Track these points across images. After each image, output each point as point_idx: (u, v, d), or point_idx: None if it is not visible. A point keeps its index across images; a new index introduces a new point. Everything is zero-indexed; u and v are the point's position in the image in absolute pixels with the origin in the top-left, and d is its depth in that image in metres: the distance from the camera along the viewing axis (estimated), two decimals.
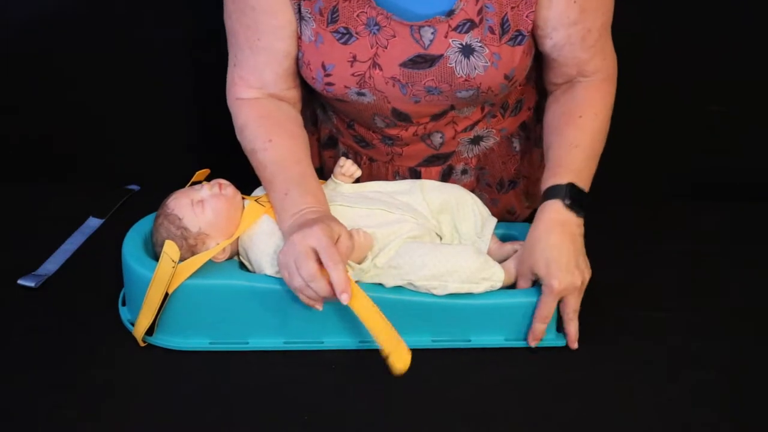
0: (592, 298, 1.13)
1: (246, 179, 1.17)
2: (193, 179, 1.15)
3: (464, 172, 1.34)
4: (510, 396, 1.02)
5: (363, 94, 1.17)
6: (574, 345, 1.09)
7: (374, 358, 1.05)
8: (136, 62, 1.68)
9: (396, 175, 1.33)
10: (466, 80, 1.15)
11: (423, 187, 1.18)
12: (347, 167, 1.19)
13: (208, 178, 1.15)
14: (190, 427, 0.97)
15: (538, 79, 1.31)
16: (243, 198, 1.13)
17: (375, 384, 1.03)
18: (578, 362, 1.08)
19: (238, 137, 1.19)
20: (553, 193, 1.12)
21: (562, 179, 1.12)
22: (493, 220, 1.18)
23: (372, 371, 1.04)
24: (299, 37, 1.17)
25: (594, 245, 1.11)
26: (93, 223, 1.35)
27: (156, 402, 1.00)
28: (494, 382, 1.04)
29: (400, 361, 0.97)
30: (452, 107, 1.22)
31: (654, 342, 1.11)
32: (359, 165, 1.34)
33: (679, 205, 1.47)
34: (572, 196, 1.11)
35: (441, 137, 1.27)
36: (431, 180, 1.24)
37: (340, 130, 1.34)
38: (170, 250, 1.03)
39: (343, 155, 1.36)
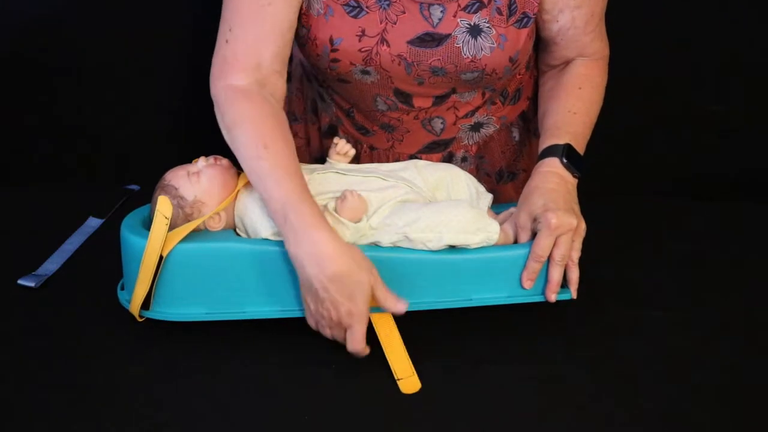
0: (592, 298, 1.13)
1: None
2: None
3: (464, 159, 1.34)
4: (509, 395, 1.02)
5: (367, 73, 1.17)
6: (552, 297, 1.08)
7: (374, 358, 1.05)
8: (136, 62, 1.68)
9: None
10: (472, 61, 1.16)
11: (417, 165, 1.18)
12: (341, 146, 1.18)
13: None
14: (190, 427, 0.97)
15: (536, 69, 1.32)
16: (238, 172, 1.13)
17: (375, 383, 1.03)
18: (578, 362, 1.08)
19: (226, 134, 1.11)
20: (550, 151, 1.14)
21: (560, 140, 1.15)
22: (489, 195, 1.18)
23: (372, 371, 1.04)
24: (306, 12, 1.15)
25: (594, 244, 1.11)
26: (93, 223, 1.36)
27: (156, 403, 1.00)
28: (493, 381, 1.04)
29: (409, 388, 1.02)
30: (454, 90, 1.22)
31: (654, 342, 1.11)
32: (360, 153, 1.34)
33: (680, 204, 1.47)
34: (569, 156, 1.13)
35: (442, 123, 1.28)
36: (426, 160, 1.23)
37: (339, 118, 1.34)
38: (163, 207, 1.03)
39: None
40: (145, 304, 1.06)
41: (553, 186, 1.10)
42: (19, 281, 1.19)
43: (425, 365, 1.05)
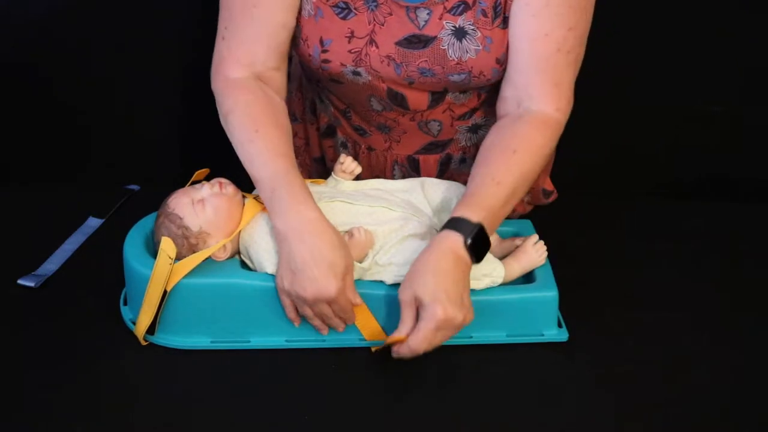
0: (591, 299, 1.14)
1: (246, 178, 1.17)
2: (193, 179, 1.15)
3: (462, 161, 1.34)
4: (509, 396, 1.02)
5: (358, 74, 1.18)
6: (400, 353, 1.00)
7: (375, 358, 1.05)
8: (135, 62, 1.68)
9: (395, 164, 1.34)
10: (458, 63, 1.16)
11: (424, 185, 1.18)
12: (347, 164, 1.19)
13: (208, 178, 1.15)
14: (190, 427, 0.97)
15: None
16: (243, 196, 1.13)
17: (375, 384, 1.03)
18: (578, 362, 1.08)
19: (223, 124, 1.15)
20: (458, 225, 1.04)
21: (474, 216, 1.05)
22: None
23: (372, 371, 1.04)
24: (298, 13, 1.15)
25: (593, 245, 1.11)
26: (93, 223, 1.36)
27: (156, 402, 1.01)
28: (493, 381, 1.04)
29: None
30: (446, 91, 1.22)
31: (654, 342, 1.11)
32: (358, 154, 1.35)
33: (678, 205, 1.48)
34: (475, 239, 1.03)
35: (439, 125, 1.28)
36: (432, 177, 1.24)
37: (337, 119, 1.34)
38: (167, 247, 1.03)
39: (342, 145, 1.37)
40: (150, 328, 1.07)
41: (449, 269, 1.01)
42: (19, 281, 1.19)
43: (425, 365, 1.05)
